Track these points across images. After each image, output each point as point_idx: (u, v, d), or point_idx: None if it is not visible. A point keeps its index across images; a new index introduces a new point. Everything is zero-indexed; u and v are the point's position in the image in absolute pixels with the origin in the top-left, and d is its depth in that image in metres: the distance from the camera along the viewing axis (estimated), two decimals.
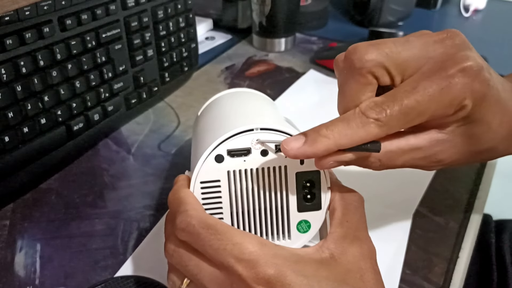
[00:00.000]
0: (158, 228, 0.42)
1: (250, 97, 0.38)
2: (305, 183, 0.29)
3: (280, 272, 0.26)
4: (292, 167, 0.29)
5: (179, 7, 0.58)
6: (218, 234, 0.27)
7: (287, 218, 0.30)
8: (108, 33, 0.49)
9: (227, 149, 0.29)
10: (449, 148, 0.30)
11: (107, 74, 0.50)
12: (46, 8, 0.43)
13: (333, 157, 0.28)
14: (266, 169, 0.29)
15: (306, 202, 0.30)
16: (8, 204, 0.44)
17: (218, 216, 0.30)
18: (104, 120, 0.51)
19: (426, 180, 0.47)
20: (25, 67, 0.42)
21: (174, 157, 0.51)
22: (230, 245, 0.26)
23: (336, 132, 0.27)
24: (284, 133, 0.29)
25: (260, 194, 0.29)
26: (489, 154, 0.32)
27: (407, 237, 0.41)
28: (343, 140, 0.27)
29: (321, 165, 0.28)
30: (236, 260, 0.26)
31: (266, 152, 0.29)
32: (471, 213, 0.43)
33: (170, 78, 0.60)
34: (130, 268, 0.38)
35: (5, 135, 0.41)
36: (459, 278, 0.38)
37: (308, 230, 0.30)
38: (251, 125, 0.29)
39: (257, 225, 0.30)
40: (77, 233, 0.41)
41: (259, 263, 0.26)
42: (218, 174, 0.29)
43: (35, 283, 0.37)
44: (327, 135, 0.27)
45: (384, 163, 0.29)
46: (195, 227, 0.27)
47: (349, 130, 0.27)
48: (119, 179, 0.48)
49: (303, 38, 0.79)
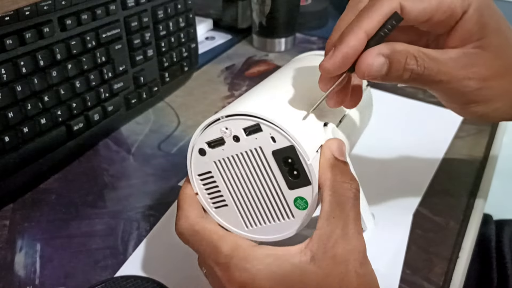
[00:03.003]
0: (158, 228, 0.42)
1: (291, 70, 0.37)
2: (285, 160, 0.28)
3: (249, 276, 0.27)
4: (266, 147, 0.28)
5: (179, 7, 0.58)
6: (201, 240, 0.29)
7: (283, 198, 0.29)
8: (108, 33, 0.49)
9: (205, 141, 0.30)
10: (479, 61, 0.30)
11: (107, 74, 0.50)
12: (46, 8, 0.43)
13: (373, 49, 0.27)
14: (245, 153, 0.29)
15: (294, 178, 0.29)
16: (8, 204, 0.44)
17: (222, 203, 0.31)
18: (104, 120, 0.51)
19: (426, 180, 0.47)
20: (25, 67, 0.41)
21: (174, 157, 0.51)
22: (209, 248, 0.29)
23: (356, 21, 0.27)
24: (250, 116, 0.28)
25: (250, 179, 0.30)
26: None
27: (407, 237, 0.41)
28: (365, 22, 0.27)
29: (366, 63, 0.27)
30: (215, 263, 0.28)
31: (238, 137, 0.29)
32: (471, 213, 0.43)
33: (170, 78, 0.60)
34: (130, 268, 0.38)
35: (5, 135, 0.41)
36: (459, 278, 0.38)
37: (307, 206, 0.29)
38: (217, 115, 0.29)
39: (260, 209, 0.30)
40: (77, 233, 0.41)
41: (231, 267, 0.27)
42: (208, 166, 0.31)
43: (35, 283, 0.37)
44: (349, 27, 0.27)
45: (420, 63, 0.28)
46: (185, 235, 0.30)
47: (366, 12, 0.27)
48: (119, 179, 0.48)
49: (303, 38, 0.79)
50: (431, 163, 0.49)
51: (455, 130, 0.54)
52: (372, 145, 0.49)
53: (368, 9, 0.28)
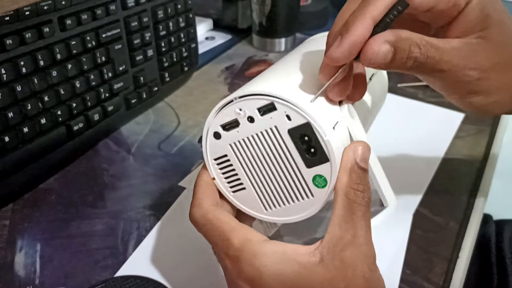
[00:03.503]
0: (158, 228, 0.42)
1: (303, 53, 0.37)
2: (302, 138, 0.28)
3: (256, 272, 0.27)
4: (281, 126, 0.28)
5: (179, 7, 0.58)
6: (213, 230, 0.29)
7: (302, 176, 0.29)
8: (108, 33, 0.49)
9: (220, 125, 0.30)
10: (481, 51, 0.29)
11: (107, 74, 0.50)
12: (46, 8, 0.43)
13: (379, 36, 0.27)
14: (260, 134, 0.29)
15: (311, 156, 0.28)
16: (8, 204, 0.44)
17: (240, 187, 0.31)
18: (104, 120, 0.51)
19: (426, 180, 0.47)
20: (25, 67, 0.41)
21: (174, 157, 0.51)
22: (220, 240, 0.29)
23: (361, 8, 0.27)
24: (264, 95, 0.28)
25: (267, 160, 0.30)
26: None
27: (407, 237, 0.41)
28: (371, 9, 0.26)
29: (372, 50, 0.27)
30: (225, 255, 0.28)
31: (252, 118, 0.29)
32: (471, 213, 0.43)
33: (170, 78, 0.60)
34: (130, 268, 0.38)
35: (5, 135, 0.41)
36: (459, 278, 0.38)
37: (326, 184, 0.29)
38: (230, 96, 0.29)
39: (278, 190, 0.30)
40: (77, 233, 0.41)
41: (240, 260, 0.27)
42: (223, 149, 0.30)
43: (35, 283, 0.37)
44: (355, 15, 0.27)
45: (423, 51, 0.28)
46: (198, 223, 0.30)
47: None
48: (119, 179, 0.48)
49: (303, 38, 0.78)
50: (431, 163, 0.49)
51: (455, 130, 0.54)
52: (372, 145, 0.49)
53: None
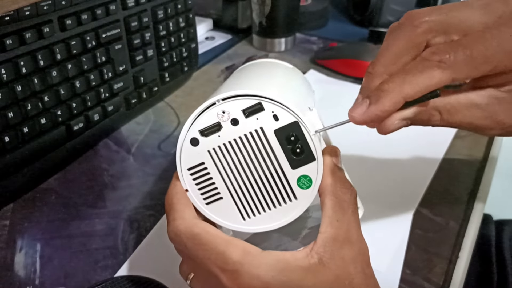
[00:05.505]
0: (158, 228, 0.42)
1: (260, 67, 0.37)
2: (288, 138, 0.28)
3: (262, 284, 0.25)
4: (267, 126, 0.28)
5: (179, 7, 0.58)
6: (203, 244, 0.27)
7: (285, 179, 0.29)
8: (108, 33, 0.49)
9: (198, 130, 0.28)
10: (509, 108, 0.29)
11: (107, 74, 0.50)
12: (46, 8, 0.43)
13: (397, 115, 0.27)
14: (244, 137, 0.28)
15: (297, 156, 0.28)
16: (8, 204, 0.44)
17: (216, 197, 0.29)
18: (104, 120, 0.51)
19: (426, 180, 0.47)
20: (25, 67, 0.41)
21: (174, 157, 0.51)
22: (214, 254, 0.26)
23: (398, 84, 0.27)
24: (248, 95, 0.27)
25: (249, 164, 0.29)
26: None
27: (407, 237, 0.41)
28: (407, 89, 0.26)
29: (387, 128, 0.28)
30: (221, 270, 0.26)
31: (236, 120, 0.28)
32: (471, 213, 0.43)
33: (170, 78, 0.60)
34: (130, 268, 0.38)
35: (5, 135, 0.41)
36: (459, 278, 0.38)
37: (311, 184, 0.28)
38: (212, 99, 0.28)
39: (259, 196, 0.29)
40: (77, 233, 0.41)
41: (241, 274, 0.26)
42: (200, 157, 0.29)
43: (35, 283, 0.37)
44: (389, 88, 0.27)
45: (444, 118, 0.29)
46: (182, 238, 0.28)
47: (412, 77, 0.26)
48: (119, 179, 0.48)
49: (303, 38, 0.79)
50: (431, 163, 0.49)
51: (455, 130, 0.54)
52: (372, 145, 0.49)
53: (416, 74, 0.27)
